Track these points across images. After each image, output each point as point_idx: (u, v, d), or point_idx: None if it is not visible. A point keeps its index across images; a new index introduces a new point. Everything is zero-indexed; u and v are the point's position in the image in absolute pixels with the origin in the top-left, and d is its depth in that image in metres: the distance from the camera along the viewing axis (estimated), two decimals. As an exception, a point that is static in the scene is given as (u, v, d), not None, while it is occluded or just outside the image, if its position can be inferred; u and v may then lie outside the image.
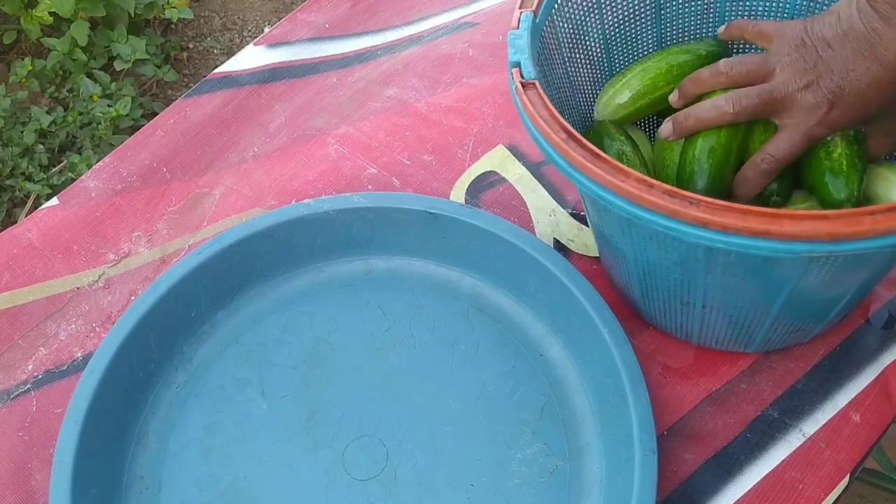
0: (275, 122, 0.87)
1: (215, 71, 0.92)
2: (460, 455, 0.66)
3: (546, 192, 0.80)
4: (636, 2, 0.69)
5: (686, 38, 0.72)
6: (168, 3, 1.75)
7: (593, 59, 0.70)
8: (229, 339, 0.73)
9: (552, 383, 0.69)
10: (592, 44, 0.70)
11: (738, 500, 0.63)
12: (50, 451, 0.67)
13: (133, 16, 1.69)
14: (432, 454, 0.66)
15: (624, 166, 0.49)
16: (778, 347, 0.69)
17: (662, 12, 0.70)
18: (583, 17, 0.67)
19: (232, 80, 0.91)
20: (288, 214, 0.74)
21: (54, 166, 1.60)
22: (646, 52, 0.73)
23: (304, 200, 0.76)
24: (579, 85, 0.70)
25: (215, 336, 0.73)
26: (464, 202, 0.79)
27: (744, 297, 0.57)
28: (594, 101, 0.72)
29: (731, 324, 0.63)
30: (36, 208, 0.94)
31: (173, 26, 1.92)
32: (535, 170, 0.82)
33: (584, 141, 0.50)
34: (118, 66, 1.66)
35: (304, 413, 0.69)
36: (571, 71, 0.68)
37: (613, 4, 0.69)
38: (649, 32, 0.71)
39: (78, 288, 0.77)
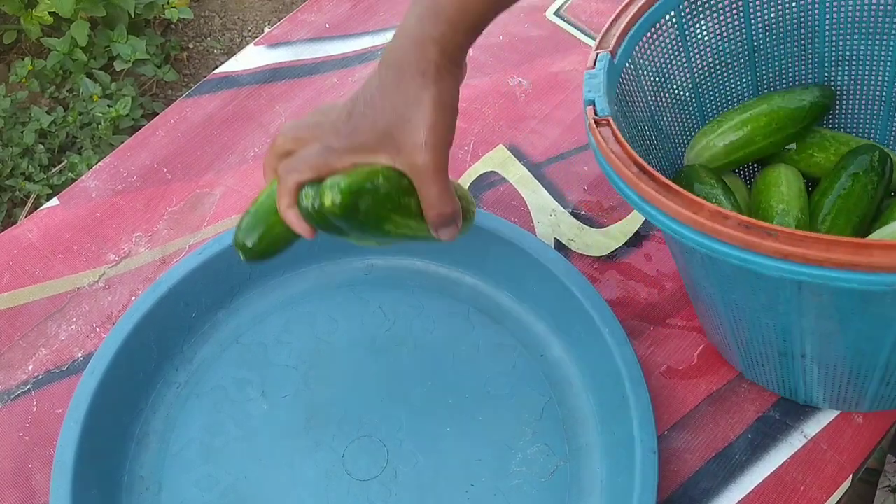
0: (275, 122, 0.87)
1: (215, 71, 0.92)
2: (461, 455, 0.66)
3: (546, 193, 0.80)
4: (726, 45, 0.67)
5: (785, 82, 0.71)
6: (168, 3, 1.75)
7: (682, 104, 0.69)
8: (230, 340, 0.73)
9: (553, 384, 0.69)
10: (680, 88, 0.68)
11: (739, 501, 0.63)
12: (50, 452, 0.67)
13: (133, 16, 1.69)
14: (433, 454, 0.66)
15: (699, 199, 0.47)
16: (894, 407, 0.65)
17: (756, 55, 0.68)
18: (667, 61, 0.65)
19: (232, 81, 0.91)
20: (288, 214, 0.74)
21: (54, 166, 1.60)
22: (742, 97, 0.71)
23: (305, 200, 0.75)
24: (667, 130, 0.68)
25: (216, 336, 0.73)
26: (464, 202, 0.79)
27: (844, 343, 0.54)
28: (684, 147, 0.70)
29: (834, 377, 0.59)
30: (36, 208, 0.94)
31: (173, 26, 1.92)
32: (536, 170, 0.81)
33: (658, 175, 0.49)
34: (118, 66, 1.66)
35: (305, 413, 0.69)
36: (657, 115, 0.66)
37: (701, 48, 0.67)
38: (743, 77, 0.70)
39: (78, 288, 0.77)
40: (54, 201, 0.83)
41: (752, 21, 0.67)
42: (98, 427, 0.65)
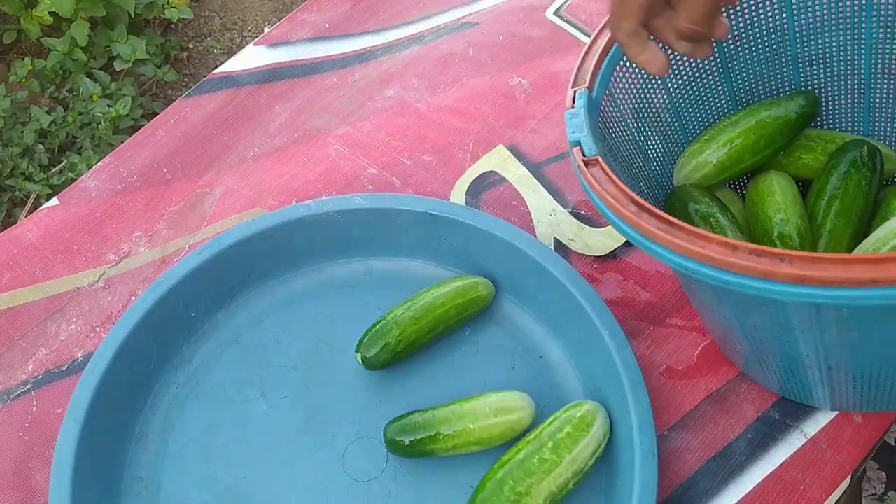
0: (275, 122, 0.87)
1: (215, 71, 0.92)
2: (460, 456, 0.66)
3: (546, 192, 0.80)
4: (699, 61, 0.66)
5: (762, 89, 0.70)
6: (168, 3, 1.75)
7: (664, 126, 0.68)
8: (229, 340, 0.73)
9: (552, 385, 0.69)
10: (660, 111, 0.67)
11: (739, 501, 0.63)
12: (50, 451, 0.67)
13: (133, 16, 1.69)
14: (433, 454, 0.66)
15: (703, 231, 0.46)
16: None
17: (730, 66, 0.68)
18: (644, 86, 0.65)
19: (232, 81, 0.91)
20: (288, 215, 0.74)
21: (54, 166, 1.60)
22: (722, 110, 0.71)
23: (305, 201, 0.75)
24: (653, 154, 0.67)
25: (215, 336, 0.73)
26: (464, 202, 0.79)
27: (872, 353, 0.53)
28: (672, 167, 0.69)
29: (865, 384, 0.59)
30: (36, 208, 0.94)
31: (173, 26, 1.92)
32: (536, 170, 0.81)
33: (658, 211, 0.48)
34: (118, 66, 1.66)
35: (304, 414, 0.69)
36: (641, 140, 0.66)
37: (674, 67, 0.66)
38: (721, 90, 0.69)
39: (78, 288, 0.77)
40: (54, 201, 0.83)
41: (724, 43, 0.66)
42: (97, 427, 0.65)
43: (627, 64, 0.62)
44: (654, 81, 0.65)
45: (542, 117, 0.85)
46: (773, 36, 0.67)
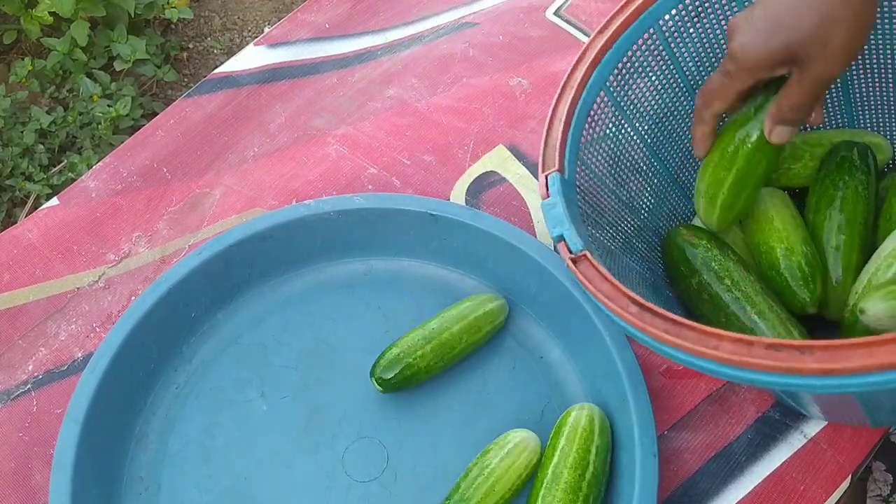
0: (275, 122, 0.87)
1: (215, 71, 0.92)
2: (460, 457, 0.66)
3: (546, 193, 0.80)
4: (664, 98, 0.64)
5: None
6: (168, 3, 1.75)
7: (644, 172, 0.66)
8: (229, 340, 0.73)
9: (552, 386, 0.69)
10: (637, 158, 0.65)
11: (739, 501, 0.63)
12: (50, 452, 0.67)
13: (133, 16, 1.69)
14: (433, 456, 0.66)
15: (714, 330, 0.43)
16: None
17: (696, 90, 0.65)
18: (615, 139, 0.62)
19: (232, 81, 0.91)
20: (288, 215, 0.74)
21: (54, 166, 1.60)
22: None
23: (305, 201, 0.75)
24: (639, 204, 0.66)
25: (215, 336, 0.73)
26: (464, 202, 0.79)
27: None
28: (661, 211, 0.67)
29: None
30: (36, 208, 0.94)
31: (173, 26, 1.92)
32: (536, 170, 0.81)
33: (660, 311, 0.46)
34: (118, 66, 1.66)
35: (304, 414, 0.69)
36: (625, 195, 0.64)
37: (644, 110, 0.63)
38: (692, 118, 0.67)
39: (78, 288, 0.77)
40: (54, 201, 0.82)
41: (682, 66, 0.64)
42: (97, 427, 0.65)
43: (594, 128, 0.60)
44: (624, 131, 0.63)
45: (542, 117, 0.85)
46: None
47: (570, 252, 0.51)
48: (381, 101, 0.88)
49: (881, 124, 0.70)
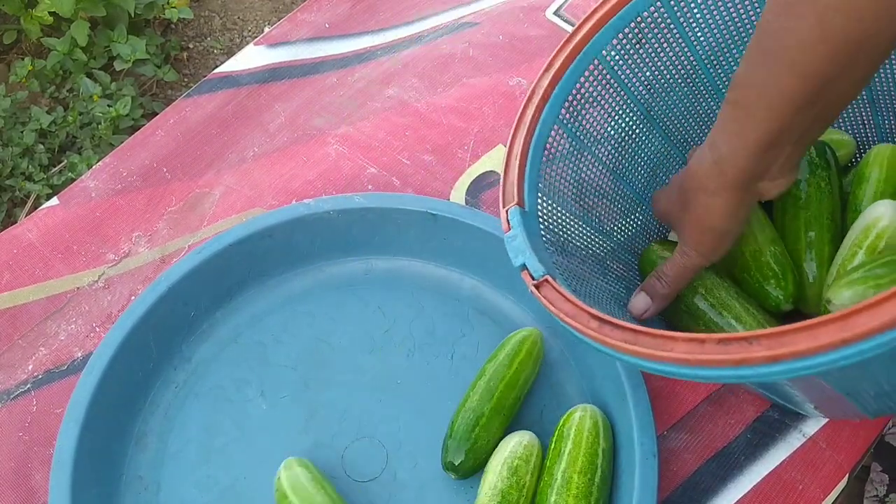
0: (275, 121, 0.87)
1: (215, 71, 0.92)
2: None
3: (546, 193, 0.80)
4: (621, 123, 0.65)
5: (691, 119, 0.69)
6: (168, 3, 1.75)
7: (611, 196, 0.66)
8: (228, 339, 0.73)
9: (552, 386, 0.69)
10: (603, 184, 0.65)
11: (738, 501, 0.63)
12: (50, 451, 0.67)
13: (133, 16, 1.69)
14: (432, 456, 0.66)
15: (668, 332, 0.45)
16: None
17: (652, 113, 0.66)
18: (576, 167, 0.63)
19: (232, 80, 0.91)
20: (288, 214, 0.74)
21: (54, 166, 1.60)
22: (661, 155, 0.69)
23: (304, 200, 0.75)
24: (609, 228, 0.66)
25: (214, 336, 0.73)
26: (464, 202, 0.79)
27: (877, 382, 0.52)
28: (635, 227, 0.68)
29: (869, 403, 0.58)
30: (36, 208, 0.94)
31: (173, 26, 1.92)
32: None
33: (618, 322, 0.48)
34: (118, 65, 1.66)
35: (304, 414, 0.69)
36: (594, 220, 0.64)
37: (604, 133, 0.64)
38: (651, 136, 0.68)
39: (78, 288, 0.77)
40: (54, 201, 0.82)
41: (633, 91, 0.65)
42: (97, 427, 0.65)
43: (552, 157, 0.61)
44: (585, 160, 0.64)
45: (542, 117, 0.85)
46: (686, 68, 0.66)
47: (533, 279, 0.53)
48: (380, 101, 0.88)
49: (843, 120, 0.71)
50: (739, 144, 0.49)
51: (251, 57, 0.93)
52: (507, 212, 0.56)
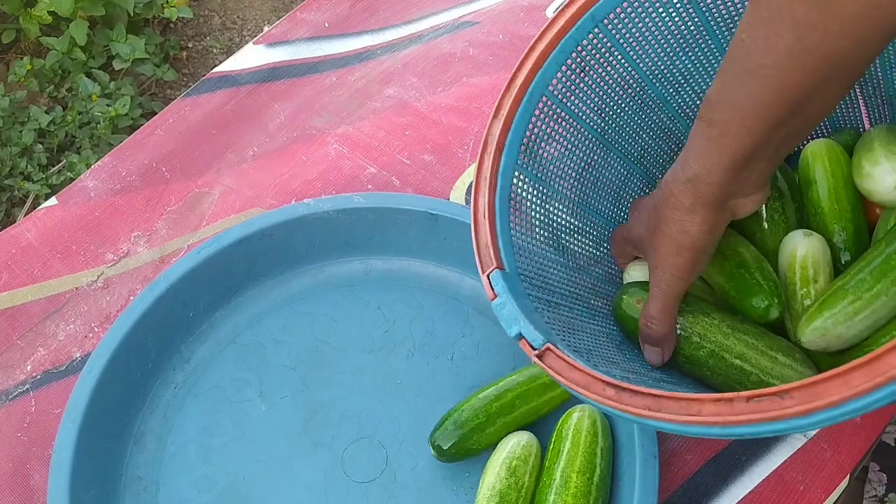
0: (274, 121, 0.87)
1: (214, 70, 0.92)
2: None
3: (546, 192, 0.80)
4: (582, 148, 0.64)
5: (653, 136, 0.68)
6: (167, 2, 1.75)
7: (582, 229, 0.65)
8: (228, 340, 0.73)
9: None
10: (572, 220, 0.64)
11: (739, 501, 0.63)
12: (48, 452, 0.67)
13: (132, 15, 1.69)
14: (432, 456, 0.66)
15: (692, 395, 0.43)
16: None
17: (606, 137, 0.65)
18: (543, 214, 0.62)
19: (231, 80, 0.91)
20: (287, 214, 0.73)
21: (53, 166, 1.59)
22: (621, 175, 0.68)
23: (304, 200, 0.75)
24: (586, 259, 0.65)
25: (214, 336, 0.73)
26: (464, 202, 0.79)
27: None
28: (605, 250, 0.67)
29: None
30: (35, 208, 0.94)
31: (172, 25, 1.92)
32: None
33: (637, 388, 0.46)
34: (117, 65, 1.65)
35: (303, 414, 0.69)
36: (570, 261, 0.63)
37: (561, 177, 0.63)
38: (609, 158, 0.67)
39: (77, 288, 0.77)
40: (53, 201, 0.82)
41: (586, 120, 0.64)
42: (96, 427, 0.65)
43: (521, 208, 0.60)
44: (550, 201, 0.62)
45: (542, 117, 0.85)
46: (633, 86, 0.65)
47: (533, 349, 0.51)
48: (380, 101, 0.88)
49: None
50: (714, 162, 0.49)
51: (250, 56, 0.93)
52: (488, 278, 0.54)
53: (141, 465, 0.67)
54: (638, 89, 0.65)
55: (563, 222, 0.63)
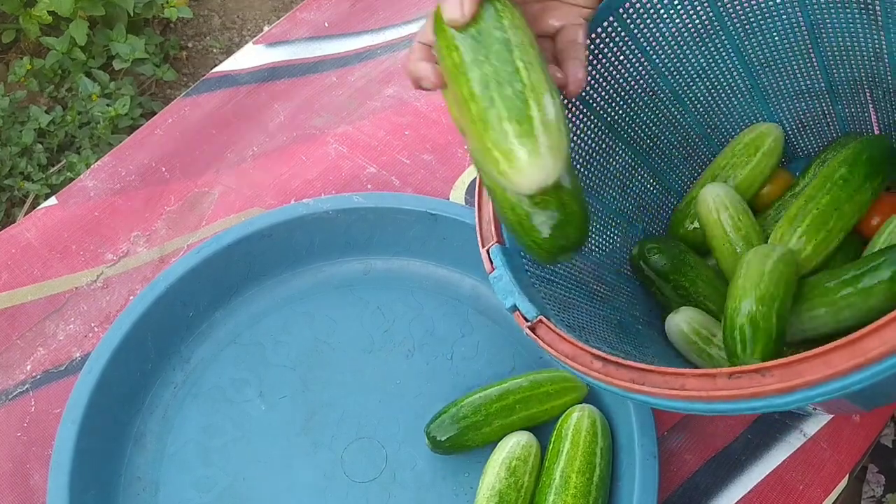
0: (274, 121, 0.87)
1: (214, 70, 0.92)
2: (460, 458, 0.66)
3: (546, 192, 0.79)
4: (591, 135, 0.64)
5: (665, 125, 0.69)
6: (167, 2, 1.74)
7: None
8: (227, 340, 0.73)
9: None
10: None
11: (738, 501, 0.63)
12: (48, 452, 0.66)
13: (132, 15, 1.69)
14: (432, 456, 0.66)
15: (677, 370, 0.44)
16: None
17: (616, 127, 0.66)
18: None
19: (231, 80, 0.91)
20: (287, 214, 0.73)
21: (53, 166, 1.59)
22: (627, 164, 0.68)
23: (304, 200, 0.75)
24: (588, 244, 0.64)
25: (213, 336, 0.73)
26: (464, 201, 0.79)
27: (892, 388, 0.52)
28: (610, 243, 0.68)
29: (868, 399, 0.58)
30: (35, 208, 0.94)
31: (172, 25, 1.92)
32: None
33: (624, 361, 0.47)
34: (117, 65, 1.65)
35: (303, 414, 0.69)
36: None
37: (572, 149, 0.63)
38: (616, 147, 0.67)
39: (76, 288, 0.77)
40: (52, 201, 0.82)
41: (601, 112, 0.64)
42: (95, 427, 0.65)
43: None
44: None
45: (542, 116, 0.85)
46: (645, 78, 0.66)
47: (527, 320, 0.52)
48: (380, 100, 0.88)
49: (803, 110, 0.71)
50: None
51: (250, 56, 0.93)
52: (487, 251, 0.55)
53: (140, 466, 0.67)
54: (650, 81, 0.65)
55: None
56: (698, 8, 0.62)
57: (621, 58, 0.63)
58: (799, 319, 0.58)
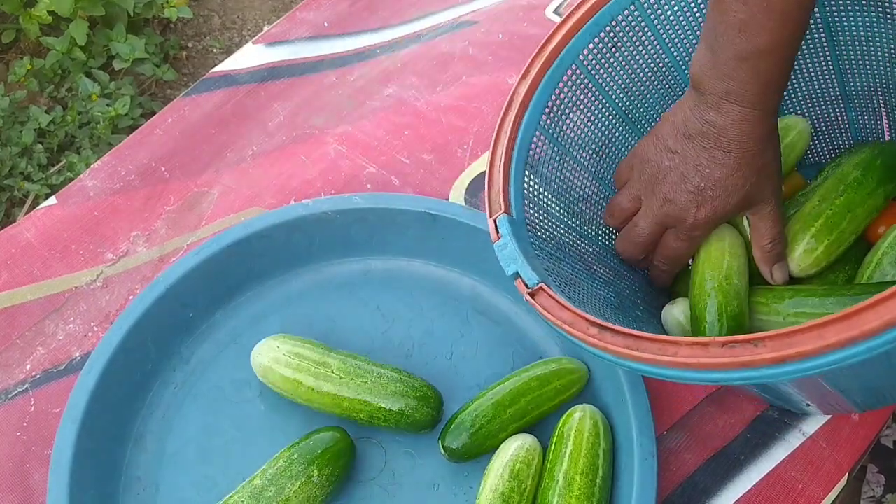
0: (274, 120, 0.87)
1: (214, 70, 0.92)
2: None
3: (545, 192, 0.80)
4: (605, 122, 0.65)
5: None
6: (167, 2, 1.74)
7: (594, 199, 0.66)
8: (227, 340, 0.73)
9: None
10: (586, 188, 0.65)
11: (738, 500, 0.63)
12: (48, 451, 0.67)
13: (132, 15, 1.69)
14: (432, 456, 0.66)
15: (670, 337, 0.45)
16: None
17: (630, 117, 0.67)
18: (559, 171, 0.63)
19: (231, 79, 0.91)
20: (286, 214, 0.73)
21: (53, 166, 1.59)
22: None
23: (303, 200, 0.75)
24: (595, 229, 0.66)
25: (213, 336, 0.73)
26: (463, 201, 0.79)
27: (883, 378, 0.53)
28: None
29: (866, 396, 0.59)
30: (34, 208, 0.94)
31: (172, 25, 1.92)
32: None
33: (619, 328, 0.47)
34: (117, 65, 1.65)
35: (303, 414, 0.69)
36: (578, 225, 0.64)
37: (583, 139, 0.64)
38: (632, 140, 0.68)
39: (76, 287, 0.77)
40: (52, 200, 0.82)
41: (612, 95, 0.65)
42: (95, 427, 0.65)
43: (537, 166, 0.62)
44: (567, 165, 0.64)
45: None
46: (662, 69, 0.66)
47: (527, 287, 0.53)
48: (380, 100, 0.88)
49: (817, 115, 0.71)
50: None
51: (250, 56, 0.93)
52: (495, 221, 0.56)
53: (140, 466, 0.67)
54: (666, 72, 0.66)
55: (579, 189, 0.65)
56: None
57: (639, 47, 0.63)
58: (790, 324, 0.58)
